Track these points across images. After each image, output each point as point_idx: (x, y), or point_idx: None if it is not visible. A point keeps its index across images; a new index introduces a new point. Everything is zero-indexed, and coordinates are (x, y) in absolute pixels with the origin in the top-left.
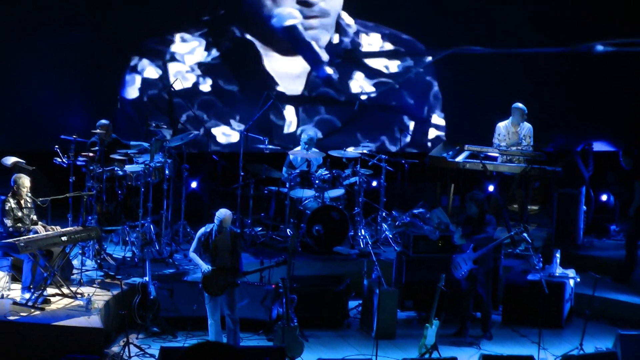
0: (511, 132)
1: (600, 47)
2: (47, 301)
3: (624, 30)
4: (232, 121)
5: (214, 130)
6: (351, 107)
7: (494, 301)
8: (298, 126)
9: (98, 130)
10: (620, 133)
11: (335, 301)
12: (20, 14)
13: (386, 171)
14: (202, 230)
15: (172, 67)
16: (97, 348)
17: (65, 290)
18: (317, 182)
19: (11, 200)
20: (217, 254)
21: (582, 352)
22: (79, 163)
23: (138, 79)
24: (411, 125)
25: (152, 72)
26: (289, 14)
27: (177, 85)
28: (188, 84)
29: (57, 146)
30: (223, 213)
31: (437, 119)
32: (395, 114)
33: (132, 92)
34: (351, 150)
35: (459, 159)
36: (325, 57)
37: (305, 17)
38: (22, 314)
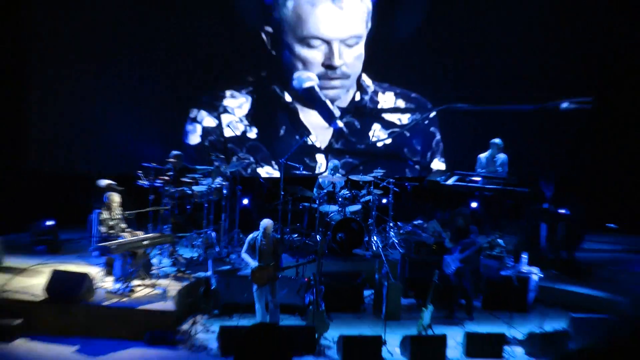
0: (490, 161)
1: (565, 104)
2: (132, 290)
3: (582, 90)
4: (273, 162)
5: (259, 170)
6: (369, 155)
7: (476, 291)
8: (327, 168)
9: (172, 159)
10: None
11: (354, 291)
12: (111, 70)
13: (393, 191)
14: (250, 235)
15: (224, 118)
16: (171, 326)
17: (146, 282)
18: (340, 199)
19: (105, 212)
20: (262, 254)
21: (543, 330)
22: (156, 184)
23: (199, 128)
24: (417, 167)
25: (210, 121)
26: (307, 77)
27: (229, 132)
28: (238, 132)
29: (140, 171)
30: (265, 222)
31: (438, 163)
32: (405, 159)
33: (194, 138)
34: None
35: (450, 182)
36: (337, 113)
37: (328, 78)
38: (113, 300)
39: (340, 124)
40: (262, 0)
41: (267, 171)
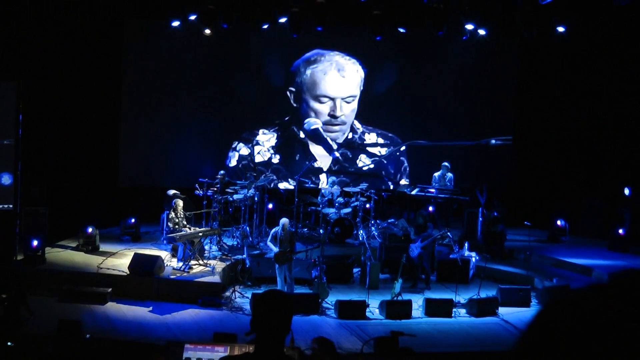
0: (441, 178)
1: (493, 141)
2: (191, 268)
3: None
4: (290, 180)
5: (280, 185)
6: (357, 175)
7: (432, 269)
8: (328, 183)
9: (219, 176)
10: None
11: (346, 268)
12: (179, 113)
13: (374, 199)
14: (274, 229)
15: (256, 148)
16: (218, 293)
17: (201, 262)
18: (336, 204)
19: (172, 213)
20: (281, 243)
21: (479, 297)
22: (209, 193)
23: (236, 155)
24: (390, 185)
25: (244, 150)
26: (314, 122)
27: (259, 158)
28: (265, 158)
29: (196, 184)
30: (283, 220)
31: (404, 181)
32: (381, 180)
33: (233, 162)
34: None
35: (414, 192)
36: (334, 146)
37: (331, 124)
38: (177, 274)
39: (337, 154)
40: (288, 68)
41: (286, 186)
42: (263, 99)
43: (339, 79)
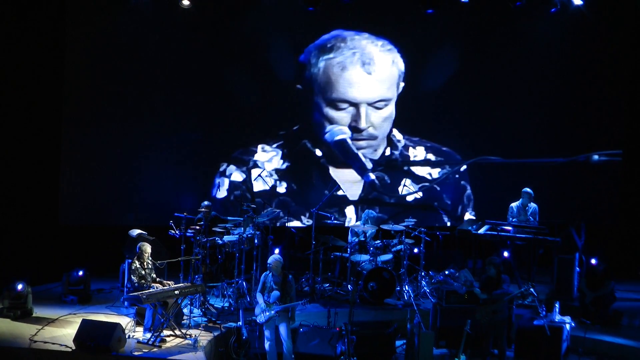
0: (521, 210)
1: (596, 157)
2: (163, 341)
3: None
4: (302, 217)
5: (290, 223)
6: (399, 207)
7: (508, 341)
8: (362, 218)
9: (203, 209)
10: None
11: (386, 341)
12: (144, 121)
13: (425, 241)
14: (264, 274)
15: (254, 172)
16: None
17: (177, 332)
18: (371, 249)
19: (136, 262)
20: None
21: None
22: (188, 234)
23: (226, 182)
24: (448, 223)
25: (237, 176)
26: (339, 130)
27: (258, 187)
28: (267, 186)
29: (171, 221)
30: (271, 259)
31: (469, 216)
32: (435, 213)
33: (221, 192)
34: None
35: (481, 231)
36: (369, 165)
37: (356, 139)
38: (144, 350)
39: (372, 176)
40: (296, 57)
41: (297, 224)
42: (264, 100)
43: (363, 76)
